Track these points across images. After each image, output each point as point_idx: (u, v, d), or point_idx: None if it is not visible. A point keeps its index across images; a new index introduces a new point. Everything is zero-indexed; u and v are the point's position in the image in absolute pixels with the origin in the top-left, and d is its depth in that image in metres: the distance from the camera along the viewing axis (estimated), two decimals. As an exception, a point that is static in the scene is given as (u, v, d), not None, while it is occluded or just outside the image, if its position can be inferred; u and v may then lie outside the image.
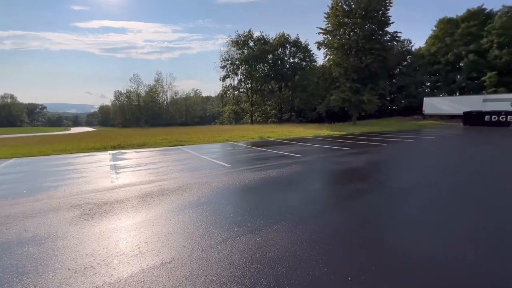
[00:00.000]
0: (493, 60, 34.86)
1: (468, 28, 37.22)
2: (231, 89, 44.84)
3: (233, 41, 39.98)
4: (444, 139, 13.21)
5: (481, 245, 2.57)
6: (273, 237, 2.78)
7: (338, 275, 2.12)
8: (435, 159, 7.86)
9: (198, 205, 3.81)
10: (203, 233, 2.92)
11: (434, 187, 4.60)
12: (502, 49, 34.31)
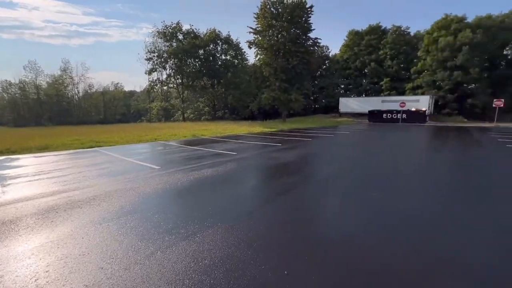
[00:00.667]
0: (387, 68, 42.91)
1: (369, 41, 44.67)
2: (159, 83, 41.55)
3: (159, 32, 37.00)
4: (355, 133, 15.52)
5: (391, 228, 3.05)
6: (209, 241, 2.64)
7: (276, 270, 2.15)
8: (351, 149, 9.10)
9: (121, 216, 3.30)
10: (127, 248, 2.53)
11: (352, 174, 5.29)
12: (393, 60, 42.58)
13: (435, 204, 3.67)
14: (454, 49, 34.99)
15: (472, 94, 35.47)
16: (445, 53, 35.30)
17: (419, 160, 7.31)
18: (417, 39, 42.93)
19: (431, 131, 17.22)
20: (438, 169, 6.08)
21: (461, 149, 9.09)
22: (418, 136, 14.09)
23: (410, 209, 3.47)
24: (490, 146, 9.89)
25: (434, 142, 11.31)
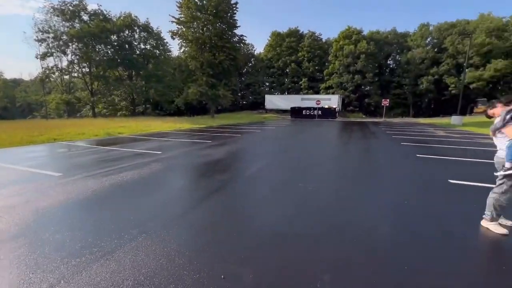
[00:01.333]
0: (305, 69, 47.57)
1: (290, 43, 48.43)
2: (58, 72, 34.29)
3: (55, 8, 30.36)
4: (280, 128, 16.66)
5: (312, 217, 3.32)
6: (132, 257, 2.27)
7: (212, 277, 2.01)
8: (278, 144, 9.66)
9: (4, 242, 2.50)
10: (14, 285, 1.91)
11: (280, 167, 5.58)
12: (309, 62, 47.43)
13: (344, 186, 4.24)
14: (355, 56, 41.66)
15: (368, 95, 43.27)
16: (348, 59, 41.68)
17: (333, 150, 8.40)
18: (328, 45, 49.08)
19: (340, 125, 20.12)
20: (346, 156, 7.10)
21: (362, 140, 10.91)
22: (331, 130, 16.21)
23: (327, 193, 3.90)
24: (382, 136, 12.29)
25: (343, 134, 13.23)
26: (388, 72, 47.32)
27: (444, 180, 4.72)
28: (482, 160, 6.58)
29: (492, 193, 2.82)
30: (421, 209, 3.36)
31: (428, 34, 43.67)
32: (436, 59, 41.11)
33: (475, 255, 2.38)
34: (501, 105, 2.80)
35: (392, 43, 46.00)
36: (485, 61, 36.99)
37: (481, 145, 9.36)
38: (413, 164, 6.29)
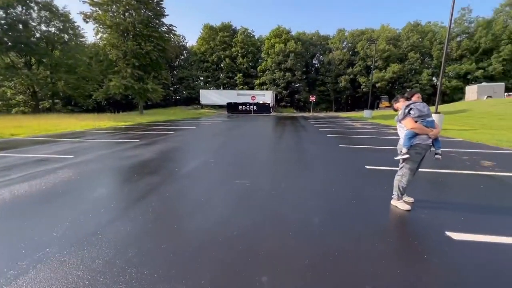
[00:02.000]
0: (239, 65, 47.95)
1: (223, 37, 47.89)
2: None
3: None
4: (217, 124, 16.32)
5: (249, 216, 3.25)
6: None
7: (133, 306, 1.67)
8: (214, 140, 9.35)
9: None
10: None
11: (216, 164, 5.35)
12: (243, 58, 48.00)
13: (279, 178, 4.36)
14: (285, 55, 44.16)
15: (298, 91, 46.70)
16: (279, 57, 43.93)
17: (269, 144, 8.65)
18: (260, 42, 50.58)
19: (275, 120, 21.08)
20: (281, 150, 7.40)
21: (294, 133, 11.63)
22: (266, 125, 16.78)
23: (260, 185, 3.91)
24: (311, 129, 13.39)
25: (278, 129, 13.85)
26: (314, 70, 52.06)
27: (361, 166, 5.37)
28: (390, 147, 7.81)
29: (396, 176, 3.28)
30: (344, 193, 3.69)
31: (344, 38, 49.75)
32: (351, 61, 47.29)
33: (386, 227, 2.70)
34: (403, 100, 3.26)
35: (316, 44, 50.70)
36: (385, 64, 44.55)
37: (387, 134, 11.18)
38: (337, 153, 6.99)
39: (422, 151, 3.06)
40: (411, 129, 3.01)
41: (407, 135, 3.05)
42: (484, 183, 4.37)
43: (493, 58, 39.00)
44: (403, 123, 3.10)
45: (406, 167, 3.15)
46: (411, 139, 3.02)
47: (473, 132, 11.63)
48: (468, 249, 2.33)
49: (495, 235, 2.57)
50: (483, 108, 19.82)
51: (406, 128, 3.08)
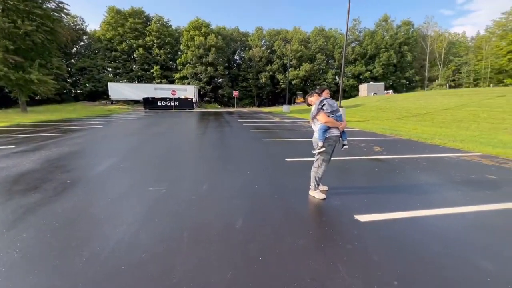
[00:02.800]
0: (156, 56, 43.92)
1: (135, 24, 42.70)
2: None
3: None
4: (131, 122, 14.36)
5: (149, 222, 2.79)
6: None
7: None
8: (126, 140, 8.06)
9: None
10: None
11: (125, 170, 4.52)
12: (160, 49, 44.17)
13: (201, 180, 4.02)
14: (206, 48, 42.95)
15: (221, 86, 46.40)
16: (200, 51, 42.44)
17: (191, 141, 8.08)
18: (178, 34, 47.61)
19: (198, 116, 20.22)
20: (204, 147, 7.00)
21: (218, 129, 11.34)
22: (189, 121, 15.86)
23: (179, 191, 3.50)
24: (235, 124, 13.39)
25: (202, 125, 13.24)
26: (236, 66, 52.77)
27: (282, 159, 5.56)
28: (305, 139, 8.48)
29: (312, 168, 3.44)
30: (266, 188, 3.67)
31: (262, 36, 52.15)
32: (269, 59, 50.07)
33: (305, 219, 2.77)
34: (316, 95, 3.41)
35: (237, 40, 51.41)
36: (299, 63, 49.12)
37: (303, 127, 12.23)
38: (260, 148, 7.10)
39: (333, 143, 3.28)
40: (324, 123, 3.16)
41: (322, 128, 3.19)
42: (377, 166, 5.17)
43: (376, 62, 48.50)
44: (317, 118, 3.24)
45: (320, 159, 3.32)
46: (325, 133, 3.18)
47: (365, 123, 14.02)
48: (374, 229, 2.59)
49: (394, 211, 2.96)
50: (371, 103, 24.35)
51: (320, 122, 3.23)
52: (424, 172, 4.68)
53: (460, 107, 14.54)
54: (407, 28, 49.75)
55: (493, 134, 9.07)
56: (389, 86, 47.06)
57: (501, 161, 5.50)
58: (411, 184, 4.03)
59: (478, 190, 3.73)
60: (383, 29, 50.13)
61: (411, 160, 5.56)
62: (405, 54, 48.61)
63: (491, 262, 2.07)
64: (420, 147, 7.07)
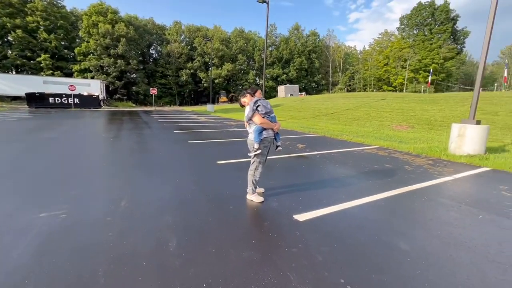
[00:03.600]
0: (44, 42, 35.42)
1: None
2: None
3: None
4: (8, 124, 10.98)
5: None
6: None
7: None
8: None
9: None
10: None
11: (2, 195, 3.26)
12: (50, 33, 35.86)
13: (115, 199, 3.33)
14: (114, 38, 37.54)
15: (135, 83, 41.57)
16: (106, 40, 36.77)
17: (100, 149, 6.73)
18: (76, 17, 39.92)
19: (107, 116, 17.37)
20: (117, 156, 5.94)
21: (135, 131, 9.95)
22: (95, 122, 13.38)
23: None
24: (155, 125, 12.08)
25: (112, 127, 11.34)
26: (152, 61, 48.35)
27: (213, 162, 5.25)
28: (235, 139, 8.37)
29: (249, 171, 3.31)
30: (200, 197, 3.32)
31: (181, 31, 49.57)
32: (190, 56, 48.11)
33: (246, 226, 2.60)
34: (249, 95, 3.27)
35: (152, 32, 47.10)
36: (221, 62, 49.13)
37: (230, 127, 12.13)
38: (187, 151, 6.55)
39: (269, 144, 3.23)
40: (260, 124, 3.06)
41: (257, 130, 3.08)
42: (304, 163, 5.53)
43: (291, 66, 53.47)
44: (253, 119, 3.11)
45: (257, 161, 3.21)
46: (260, 134, 3.08)
47: (286, 122, 15.14)
48: (313, 228, 2.64)
49: (326, 206, 3.13)
50: (289, 103, 26.63)
51: (255, 124, 3.11)
52: (342, 165, 5.27)
53: (357, 108, 17.55)
54: (314, 38, 56.87)
55: (382, 130, 11.27)
56: (303, 88, 52.75)
57: (391, 152, 6.81)
58: (334, 178, 4.45)
59: (382, 178, 4.43)
60: (296, 36, 55.74)
61: (330, 155, 6.21)
62: (313, 60, 55.48)
63: (407, 244, 2.39)
64: (334, 143, 8.04)
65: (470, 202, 3.44)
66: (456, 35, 50.61)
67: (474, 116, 6.39)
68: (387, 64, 52.83)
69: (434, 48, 47.44)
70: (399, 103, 16.57)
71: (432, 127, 11.00)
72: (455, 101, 14.55)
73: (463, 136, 6.26)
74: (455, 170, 5.03)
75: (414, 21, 51.77)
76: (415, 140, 8.44)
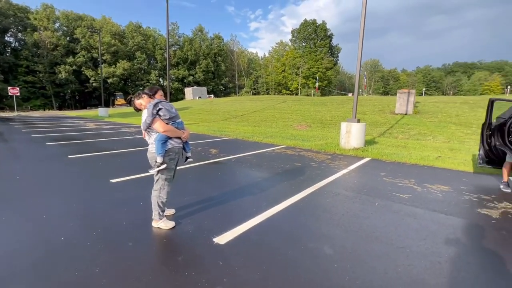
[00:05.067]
0: None
1: None
2: None
3: None
4: None
5: None
6: None
7: None
8: None
9: None
10: None
11: None
12: None
13: None
14: None
15: (-18, 79, 30.60)
16: None
17: None
18: None
19: None
20: None
21: (-22, 148, 6.97)
22: None
23: None
24: (15, 136, 8.91)
25: None
26: (10, 52, 36.96)
27: (105, 181, 4.12)
28: (135, 149, 7.08)
29: (153, 192, 2.63)
30: (89, 230, 2.39)
31: (55, 18, 39.99)
32: (71, 49, 39.51)
33: (154, 265, 1.98)
34: (146, 97, 2.58)
35: (9, 15, 35.90)
36: (115, 59, 42.68)
37: (129, 134, 10.35)
38: (67, 169, 4.99)
39: (176, 156, 2.64)
40: (163, 132, 2.43)
41: (160, 140, 2.44)
42: (219, 169, 5.14)
43: (197, 68, 52.19)
44: (153, 126, 2.44)
45: (162, 178, 2.57)
46: (164, 145, 2.46)
47: (196, 125, 14.41)
48: (237, 250, 2.27)
49: (247, 220, 2.81)
50: (198, 106, 25.73)
51: (158, 132, 2.46)
52: (257, 168, 5.18)
53: (263, 110, 18.67)
54: (219, 41, 57.57)
55: (286, 130, 12.28)
56: (211, 91, 52.47)
57: (297, 150, 7.35)
58: (252, 183, 4.26)
59: (295, 178, 4.57)
60: (200, 38, 54.83)
61: (244, 159, 6.07)
62: (219, 63, 56.13)
63: (331, 248, 2.36)
64: (246, 145, 8.03)
65: (366, 191, 3.92)
66: (332, 50, 62.45)
67: (355, 116, 7.69)
68: (284, 70, 59.53)
69: (318, 59, 56.94)
70: (297, 105, 18.68)
71: (324, 125, 12.83)
72: (337, 103, 17.64)
73: (350, 133, 7.42)
74: (348, 162, 5.82)
75: (302, 35, 60.44)
76: (314, 138, 9.52)
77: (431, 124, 11.06)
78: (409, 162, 5.94)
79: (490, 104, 4.42)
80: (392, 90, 75.97)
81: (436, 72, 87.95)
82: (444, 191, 3.97)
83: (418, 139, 9.38)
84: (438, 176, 4.79)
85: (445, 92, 78.15)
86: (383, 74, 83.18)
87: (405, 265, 2.10)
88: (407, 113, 12.99)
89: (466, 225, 2.89)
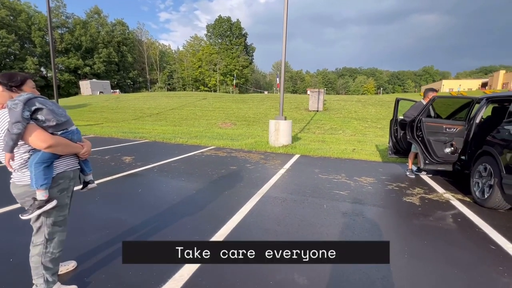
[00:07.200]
0: None
1: None
2: None
3: None
4: None
5: None
6: None
7: None
8: None
9: None
10: None
11: None
12: None
13: None
14: None
15: None
16: None
17: None
18: None
19: None
20: None
21: None
22: None
23: None
24: None
25: None
26: None
27: None
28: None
29: (32, 250, 1.58)
30: None
31: None
32: None
33: None
34: (2, 87, 1.49)
35: None
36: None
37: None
38: None
39: (70, 184, 1.67)
40: (47, 149, 1.44)
41: (41, 162, 1.44)
42: (138, 184, 4.06)
43: (95, 58, 43.95)
44: (28, 140, 1.41)
45: (48, 225, 1.56)
46: (49, 170, 1.47)
47: (100, 126, 11.85)
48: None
49: (183, 261, 2.10)
50: (100, 103, 21.50)
51: (34, 148, 1.45)
52: (188, 178, 4.38)
53: (182, 107, 17.22)
54: (122, 28, 50.14)
55: (211, 129, 11.57)
56: (115, 85, 45.34)
57: (228, 151, 6.84)
58: (186, 200, 3.47)
59: (235, 185, 4.05)
60: (97, 22, 46.26)
61: (170, 166, 5.11)
62: (125, 54, 49.08)
63: (303, 276, 1.97)
64: (169, 149, 6.94)
65: (310, 192, 3.80)
66: (248, 49, 64.59)
67: (282, 113, 7.79)
68: (201, 66, 57.59)
69: (235, 57, 57.75)
70: (218, 102, 18.11)
71: (249, 123, 12.79)
72: (257, 101, 18.07)
73: (278, 130, 7.45)
74: (282, 161, 5.74)
75: (218, 31, 59.83)
76: (242, 136, 9.23)
77: (339, 120, 12.64)
78: (332, 156, 6.37)
79: (396, 103, 5.09)
80: (299, 89, 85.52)
81: (331, 74, 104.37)
82: (372, 183, 4.30)
83: (332, 133, 10.48)
84: (360, 168, 5.24)
85: (338, 92, 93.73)
86: (292, 75, 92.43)
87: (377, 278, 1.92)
88: (318, 110, 14.47)
89: (402, 216, 3.08)
